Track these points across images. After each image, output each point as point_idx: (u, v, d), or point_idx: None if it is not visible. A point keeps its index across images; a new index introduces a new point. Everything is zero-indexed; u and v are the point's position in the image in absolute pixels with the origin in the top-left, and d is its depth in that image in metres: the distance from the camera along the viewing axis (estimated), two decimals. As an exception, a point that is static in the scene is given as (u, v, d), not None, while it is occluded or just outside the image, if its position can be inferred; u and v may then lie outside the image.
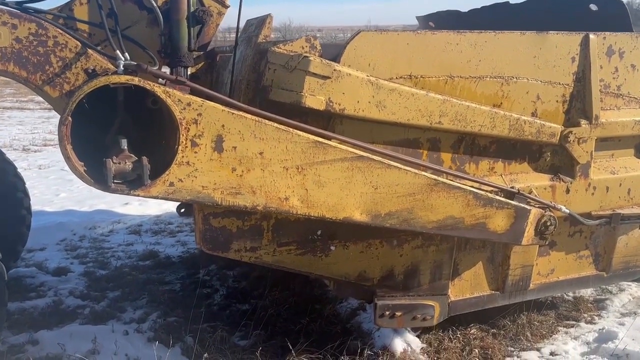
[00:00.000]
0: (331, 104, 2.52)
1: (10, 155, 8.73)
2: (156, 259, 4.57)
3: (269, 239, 2.67)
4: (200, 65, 3.64)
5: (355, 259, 2.84)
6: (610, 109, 3.17)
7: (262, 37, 2.83)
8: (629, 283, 4.16)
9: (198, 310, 3.55)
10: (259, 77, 2.64)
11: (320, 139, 2.42)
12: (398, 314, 2.97)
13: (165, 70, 2.83)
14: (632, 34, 3.22)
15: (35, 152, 9.33)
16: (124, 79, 2.15)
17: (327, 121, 2.64)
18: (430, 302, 3.02)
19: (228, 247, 2.63)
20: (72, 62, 2.73)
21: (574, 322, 3.59)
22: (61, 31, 2.66)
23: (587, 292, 4.03)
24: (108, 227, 5.36)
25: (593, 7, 3.70)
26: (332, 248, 2.79)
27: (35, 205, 5.58)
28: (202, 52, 3.47)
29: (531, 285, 3.27)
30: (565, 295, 3.98)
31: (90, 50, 2.75)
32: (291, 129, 2.37)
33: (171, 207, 5.99)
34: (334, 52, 2.94)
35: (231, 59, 2.86)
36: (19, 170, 4.08)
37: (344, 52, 2.57)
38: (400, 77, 2.67)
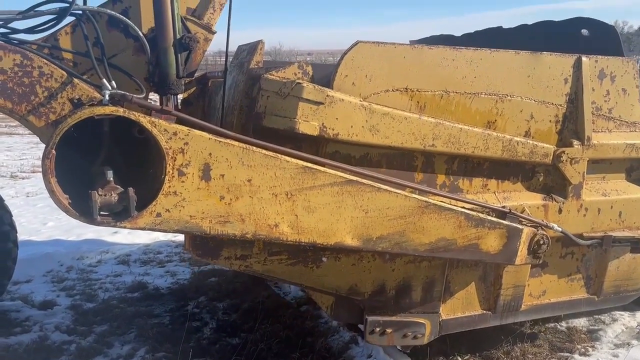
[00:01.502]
0: (325, 129, 2.54)
1: (-2, 183, 8.75)
2: (145, 290, 4.51)
3: (260, 248, 2.66)
4: (192, 90, 3.64)
5: (346, 271, 2.83)
6: (602, 131, 3.22)
7: (254, 62, 2.86)
8: (622, 312, 4.15)
9: (187, 344, 3.50)
10: (252, 103, 2.66)
11: (309, 165, 2.41)
12: (388, 330, 2.95)
13: (154, 98, 2.82)
14: (623, 58, 3.30)
15: (23, 179, 9.24)
16: (108, 110, 2.14)
17: (322, 146, 2.65)
18: (422, 320, 3.00)
19: (218, 254, 2.62)
20: (57, 92, 2.71)
21: (567, 354, 3.56)
22: (46, 61, 2.65)
23: (580, 323, 4.02)
24: (96, 257, 5.30)
25: (584, 32, 3.81)
26: (324, 259, 2.78)
27: (22, 235, 5.52)
28: (191, 79, 3.48)
29: (523, 306, 3.26)
30: (558, 326, 3.97)
31: (76, 80, 2.73)
32: (279, 155, 2.37)
33: (160, 236, 5.99)
34: (325, 72, 2.95)
35: (222, 85, 2.86)
36: (6, 198, 4.02)
37: (342, 62, 2.60)
38: (397, 90, 2.71)
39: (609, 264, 3.42)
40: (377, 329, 2.93)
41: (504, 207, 2.88)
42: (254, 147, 2.32)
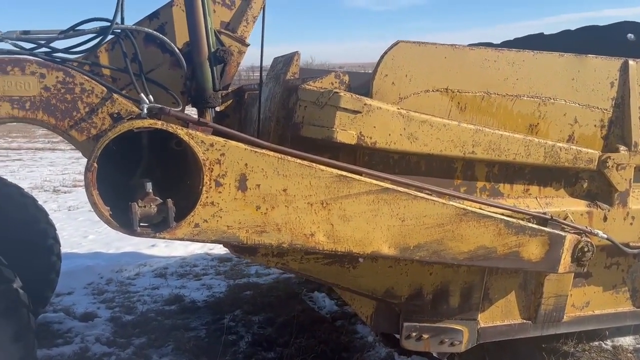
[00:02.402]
0: (363, 138, 2.54)
1: (41, 196, 9.06)
2: (181, 303, 4.60)
3: None
4: (229, 103, 3.70)
5: (383, 273, 2.81)
6: None
7: (290, 74, 2.90)
8: None
9: (223, 358, 3.54)
10: (288, 114, 2.68)
11: (344, 173, 2.41)
12: (425, 336, 2.92)
13: (190, 111, 2.87)
14: None
15: (65, 193, 9.55)
16: (147, 123, 2.19)
17: (359, 155, 2.66)
18: (459, 327, 2.96)
19: (255, 251, 2.64)
20: (98, 107, 2.79)
21: (613, 374, 3.43)
22: (87, 78, 2.74)
23: (626, 341, 3.90)
24: (134, 270, 5.43)
25: (630, 36, 3.74)
26: (360, 260, 2.77)
27: (64, 248, 5.68)
28: (227, 92, 3.53)
29: (565, 317, 3.17)
30: (603, 344, 3.86)
31: (115, 95, 2.81)
32: (314, 164, 2.37)
33: (197, 249, 6.10)
34: (362, 81, 2.95)
35: (258, 97, 2.90)
36: (49, 211, 4.15)
37: (382, 61, 2.60)
38: (437, 90, 2.69)
39: None
40: (414, 334, 2.90)
41: (544, 213, 2.80)
42: (289, 157, 2.34)
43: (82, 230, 6.65)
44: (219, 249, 6.11)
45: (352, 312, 4.29)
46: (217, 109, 3.12)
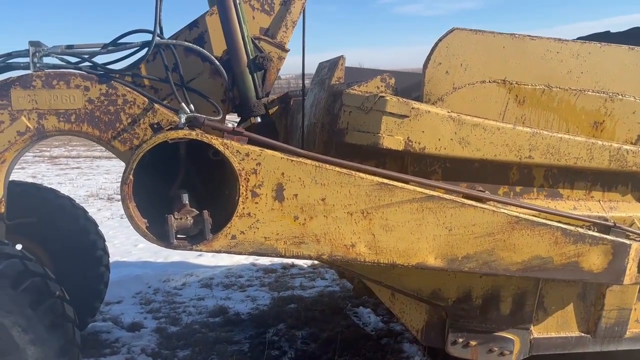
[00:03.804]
0: (410, 143, 2.46)
1: (96, 204, 9.39)
2: (226, 315, 4.60)
3: None
4: (274, 110, 3.67)
5: (430, 274, 2.69)
6: None
7: (335, 79, 2.85)
8: None
9: None
10: (333, 120, 2.64)
11: (385, 181, 2.31)
12: (473, 343, 2.79)
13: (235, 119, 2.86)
14: None
15: (118, 201, 9.74)
16: (182, 133, 2.18)
17: (407, 161, 2.59)
18: (510, 336, 2.81)
19: None
20: (140, 117, 2.83)
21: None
22: (129, 89, 2.78)
23: None
24: (181, 280, 5.50)
25: None
26: None
27: (115, 256, 5.87)
28: (272, 99, 3.52)
29: (628, 332, 2.95)
30: None
31: (157, 105, 2.84)
32: (353, 172, 2.29)
33: (242, 259, 6.14)
34: (409, 82, 2.83)
35: (304, 103, 2.86)
36: (103, 219, 4.25)
37: (436, 49, 2.53)
38: (494, 81, 2.60)
39: None
40: (460, 340, 2.79)
41: (607, 219, 2.60)
42: (327, 165, 2.28)
43: (133, 238, 6.82)
44: (265, 260, 6.12)
45: (398, 330, 4.19)
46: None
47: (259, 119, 2.94)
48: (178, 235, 2.21)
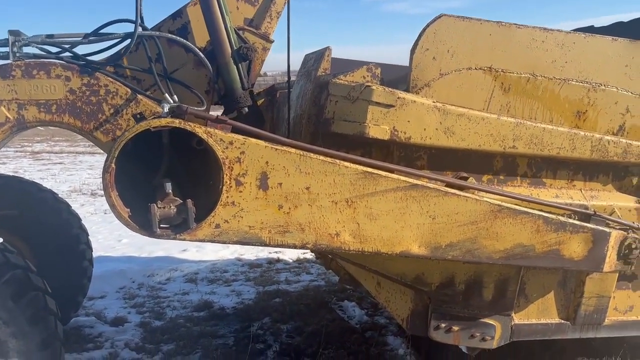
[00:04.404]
0: (396, 132, 2.47)
1: (79, 199, 9.29)
2: (211, 309, 4.61)
3: None
4: (260, 102, 3.66)
5: (414, 258, 2.68)
6: None
7: (321, 70, 2.85)
8: None
9: None
10: (320, 111, 2.65)
11: (369, 169, 2.31)
12: (455, 328, 2.81)
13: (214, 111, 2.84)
14: None
15: (102, 196, 9.64)
16: (164, 122, 2.16)
17: (392, 150, 2.60)
18: (492, 322, 2.83)
19: None
20: (122, 108, 2.81)
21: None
22: (111, 79, 2.75)
23: None
24: (166, 274, 5.49)
25: None
26: None
27: (98, 251, 5.82)
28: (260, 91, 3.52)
29: (606, 320, 2.99)
30: None
31: (140, 96, 2.81)
32: (338, 161, 2.29)
33: (227, 254, 6.12)
34: (396, 74, 2.84)
35: (290, 95, 2.85)
36: (86, 215, 4.22)
37: (423, 35, 2.55)
38: (480, 68, 2.62)
39: None
40: (443, 325, 2.80)
41: (587, 207, 2.64)
42: (311, 154, 2.28)
43: (116, 233, 6.78)
44: (250, 254, 6.13)
45: (382, 324, 4.21)
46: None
47: (246, 110, 2.93)
48: (161, 225, 2.19)
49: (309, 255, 5.86)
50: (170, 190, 2.23)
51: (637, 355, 3.68)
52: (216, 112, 3.01)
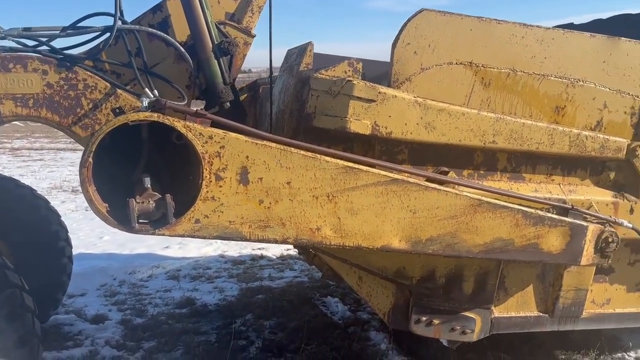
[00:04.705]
0: (377, 127, 2.48)
1: (60, 196, 9.16)
2: (193, 306, 4.57)
3: None
4: (243, 98, 3.64)
5: (395, 253, 2.67)
6: None
7: (303, 65, 2.85)
8: None
9: None
10: (302, 106, 2.65)
11: (350, 164, 2.31)
12: (436, 322, 2.84)
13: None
14: None
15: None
16: (142, 116, 2.14)
17: (374, 146, 2.60)
18: (472, 315, 2.87)
19: None
20: (101, 103, 2.77)
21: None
22: (90, 73, 2.71)
23: None
24: (147, 271, 5.43)
25: None
26: None
27: (79, 249, 5.73)
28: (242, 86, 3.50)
29: (584, 313, 3.04)
30: (626, 356, 3.73)
31: (119, 90, 2.78)
32: (319, 156, 2.29)
33: (210, 251, 6.09)
34: (378, 71, 2.85)
35: (272, 90, 2.84)
36: (67, 212, 4.16)
37: (405, 29, 2.55)
38: (461, 63, 2.63)
39: None
40: (424, 319, 2.83)
41: (565, 202, 2.68)
42: (292, 148, 2.27)
43: (97, 231, 6.70)
44: (233, 251, 6.10)
45: (365, 319, 4.22)
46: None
47: (228, 104, 2.91)
48: (140, 220, 2.17)
49: (292, 251, 5.85)
50: (149, 185, 2.20)
51: (614, 347, 3.74)
52: (198, 107, 3.00)
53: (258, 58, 3.16)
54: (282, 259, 5.95)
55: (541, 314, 3.00)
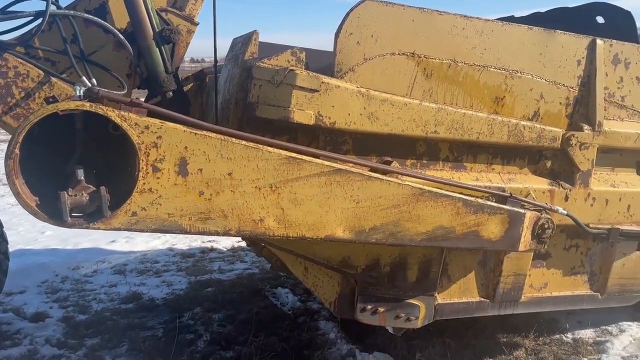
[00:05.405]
0: (321, 118, 2.47)
1: (-1, 190, 8.68)
2: (139, 301, 4.43)
3: None
4: (189, 87, 3.55)
5: (340, 242, 2.68)
6: (614, 119, 3.13)
7: (248, 54, 2.82)
8: (630, 323, 4.05)
9: (180, 358, 3.43)
10: (247, 96, 2.59)
11: (293, 155, 2.29)
12: (381, 310, 2.86)
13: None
14: (639, 45, 3.17)
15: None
16: (73, 105, 2.03)
17: (318, 136, 2.58)
18: (416, 302, 2.91)
19: None
20: (34, 91, 2.66)
21: (574, 367, 3.44)
22: (22, 61, 2.58)
23: (587, 334, 3.93)
24: (92, 267, 5.23)
25: (600, 19, 3.78)
26: None
27: (19, 244, 5.47)
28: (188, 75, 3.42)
29: (523, 297, 3.15)
30: (564, 337, 3.87)
31: (54, 79, 2.65)
32: (261, 146, 2.25)
33: (158, 245, 5.93)
34: (322, 62, 2.83)
35: (218, 79, 2.78)
36: (6, 206, 3.95)
37: (347, 19, 2.53)
38: (403, 54, 2.64)
39: (614, 260, 3.29)
40: (369, 307, 2.85)
41: (504, 190, 2.74)
42: (233, 139, 2.21)
43: (39, 226, 6.38)
44: (182, 245, 5.97)
45: (315, 309, 4.22)
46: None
47: (170, 94, 2.83)
48: (73, 214, 2.07)
49: (243, 243, 5.78)
50: (82, 177, 2.10)
51: (552, 329, 3.88)
52: (140, 96, 2.90)
53: (211, 47, 3.10)
54: (233, 251, 5.86)
55: (483, 299, 3.07)
